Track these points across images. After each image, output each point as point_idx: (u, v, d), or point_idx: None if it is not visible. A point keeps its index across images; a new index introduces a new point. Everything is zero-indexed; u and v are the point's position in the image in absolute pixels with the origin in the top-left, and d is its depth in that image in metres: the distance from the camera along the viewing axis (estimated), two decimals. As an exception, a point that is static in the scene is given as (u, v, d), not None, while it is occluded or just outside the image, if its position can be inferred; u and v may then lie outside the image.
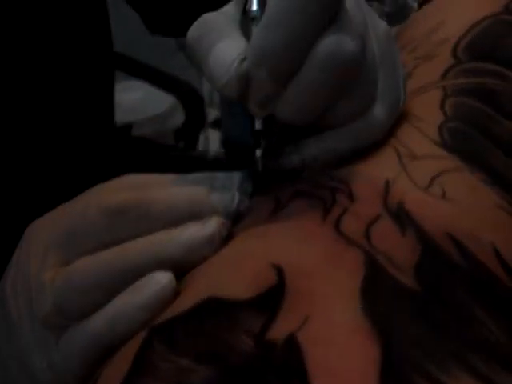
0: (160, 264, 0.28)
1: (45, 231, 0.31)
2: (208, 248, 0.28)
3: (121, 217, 0.29)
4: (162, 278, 0.27)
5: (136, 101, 1.32)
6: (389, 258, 0.24)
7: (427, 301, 0.23)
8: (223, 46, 0.29)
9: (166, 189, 0.30)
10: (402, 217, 0.27)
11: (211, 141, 1.13)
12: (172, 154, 0.74)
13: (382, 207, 0.27)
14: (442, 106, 0.35)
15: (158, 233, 0.29)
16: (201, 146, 1.12)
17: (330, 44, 0.28)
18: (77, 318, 0.28)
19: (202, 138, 1.11)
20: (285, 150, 0.32)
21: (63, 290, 0.28)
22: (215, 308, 0.24)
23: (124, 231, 0.29)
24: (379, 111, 0.32)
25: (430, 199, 0.28)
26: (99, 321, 0.28)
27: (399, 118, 0.34)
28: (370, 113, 0.32)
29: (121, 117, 1.24)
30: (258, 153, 0.31)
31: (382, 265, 0.24)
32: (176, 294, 0.27)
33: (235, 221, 0.31)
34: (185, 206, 0.29)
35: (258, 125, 0.31)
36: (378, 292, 0.23)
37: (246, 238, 0.28)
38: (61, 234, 0.30)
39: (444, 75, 0.39)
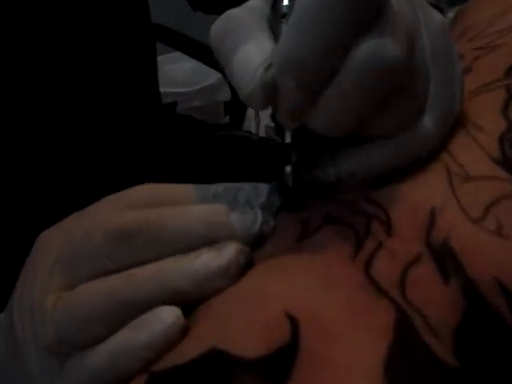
0: (168, 296, 0.25)
1: (53, 246, 0.29)
2: (222, 280, 0.25)
3: (127, 241, 0.26)
4: (169, 316, 0.24)
5: (186, 72, 1.29)
6: (424, 318, 0.20)
7: (467, 382, 0.19)
8: (248, 49, 0.25)
9: (181, 208, 0.27)
10: (446, 259, 0.22)
11: (261, 114, 1.09)
12: (217, 134, 0.70)
13: (423, 244, 0.23)
14: (505, 111, 0.30)
15: (168, 260, 0.26)
16: (251, 120, 1.08)
17: (371, 47, 0.24)
18: (79, 348, 0.26)
19: (252, 111, 1.07)
20: (320, 161, 0.28)
21: (63, 320, 0.26)
22: (217, 365, 0.20)
23: (130, 257, 0.26)
24: (429, 121, 0.28)
25: (481, 236, 0.23)
26: (101, 355, 0.26)
27: (454, 124, 0.30)
28: (419, 123, 0.27)
29: (170, 88, 1.22)
30: (288, 168, 0.28)
31: (414, 328, 0.20)
32: (185, 329, 0.24)
33: (257, 244, 0.27)
34: (200, 228, 0.26)
35: (287, 138, 0.27)
36: (405, 366, 0.19)
37: (265, 274, 0.24)
38: (67, 255, 0.28)
39: (509, 70, 0.33)
